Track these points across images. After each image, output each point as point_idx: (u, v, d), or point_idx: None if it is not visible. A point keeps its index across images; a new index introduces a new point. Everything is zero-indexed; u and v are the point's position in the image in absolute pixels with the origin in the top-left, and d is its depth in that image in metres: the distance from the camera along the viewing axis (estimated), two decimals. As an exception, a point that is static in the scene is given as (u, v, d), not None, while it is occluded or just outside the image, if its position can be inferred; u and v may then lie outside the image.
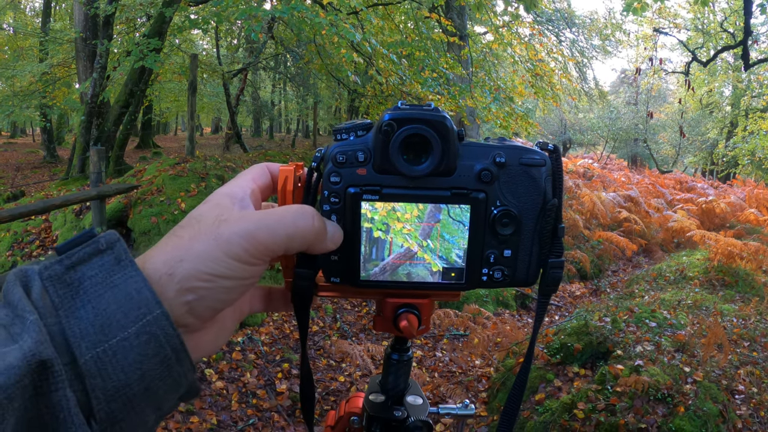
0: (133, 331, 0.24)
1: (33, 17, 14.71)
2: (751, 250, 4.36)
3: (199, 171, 4.22)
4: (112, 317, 0.24)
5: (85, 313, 0.24)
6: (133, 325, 0.24)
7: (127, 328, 0.24)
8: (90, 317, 0.24)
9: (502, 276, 0.36)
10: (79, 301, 0.24)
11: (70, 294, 0.24)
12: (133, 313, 0.24)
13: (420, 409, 0.44)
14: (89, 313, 0.24)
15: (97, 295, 0.24)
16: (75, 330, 0.23)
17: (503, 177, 0.35)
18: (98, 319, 0.24)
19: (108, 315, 0.24)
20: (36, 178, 8.68)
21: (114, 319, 0.24)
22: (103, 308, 0.24)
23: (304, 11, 4.42)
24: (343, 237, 0.34)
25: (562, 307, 4.62)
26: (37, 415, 0.21)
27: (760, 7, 5.53)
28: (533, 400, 2.61)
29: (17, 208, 3.19)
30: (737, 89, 15.12)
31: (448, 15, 6.53)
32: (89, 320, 0.23)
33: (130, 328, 0.24)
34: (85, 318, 0.24)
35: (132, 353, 0.24)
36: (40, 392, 0.21)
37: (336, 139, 0.35)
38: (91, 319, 0.24)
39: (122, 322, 0.24)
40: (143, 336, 0.24)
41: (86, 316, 0.24)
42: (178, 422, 2.52)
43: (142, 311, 0.24)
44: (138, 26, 7.36)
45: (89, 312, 0.24)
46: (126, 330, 0.24)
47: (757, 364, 2.68)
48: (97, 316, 0.24)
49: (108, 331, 0.24)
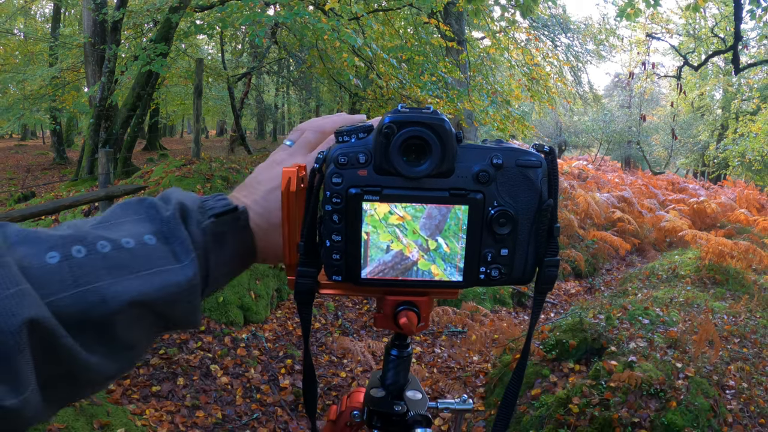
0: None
1: (43, 23, 14.67)
2: (741, 249, 4.36)
3: (205, 172, 4.25)
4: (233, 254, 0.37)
5: (220, 255, 0.36)
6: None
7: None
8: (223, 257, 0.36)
9: (499, 274, 0.36)
10: (219, 248, 0.36)
11: (217, 243, 0.35)
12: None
13: (419, 404, 0.44)
14: (225, 254, 0.36)
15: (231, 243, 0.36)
16: (212, 264, 0.35)
17: (500, 178, 0.35)
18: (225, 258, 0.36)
19: (231, 253, 0.37)
20: (46, 180, 8.68)
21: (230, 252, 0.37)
22: (228, 254, 0.36)
23: (307, 17, 4.43)
24: (345, 237, 0.35)
25: (558, 305, 4.64)
26: (194, 307, 0.34)
27: (750, 12, 5.63)
28: (529, 395, 2.62)
29: (28, 208, 3.22)
30: (728, 93, 15.21)
31: (447, 21, 6.53)
32: (221, 256, 0.36)
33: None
34: (219, 255, 0.36)
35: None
36: (197, 292, 0.34)
37: (338, 141, 0.35)
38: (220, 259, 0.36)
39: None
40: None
41: (223, 254, 0.36)
42: (184, 416, 2.53)
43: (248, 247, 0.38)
44: (145, 32, 7.38)
45: (226, 252, 0.36)
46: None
47: (747, 360, 2.70)
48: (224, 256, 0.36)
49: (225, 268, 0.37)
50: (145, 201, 0.35)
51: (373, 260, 0.35)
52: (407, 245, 0.35)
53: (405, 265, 0.36)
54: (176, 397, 2.63)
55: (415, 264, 0.36)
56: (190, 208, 0.35)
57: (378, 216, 0.34)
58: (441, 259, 0.36)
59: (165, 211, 0.34)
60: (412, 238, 0.35)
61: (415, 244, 0.35)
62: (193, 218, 0.34)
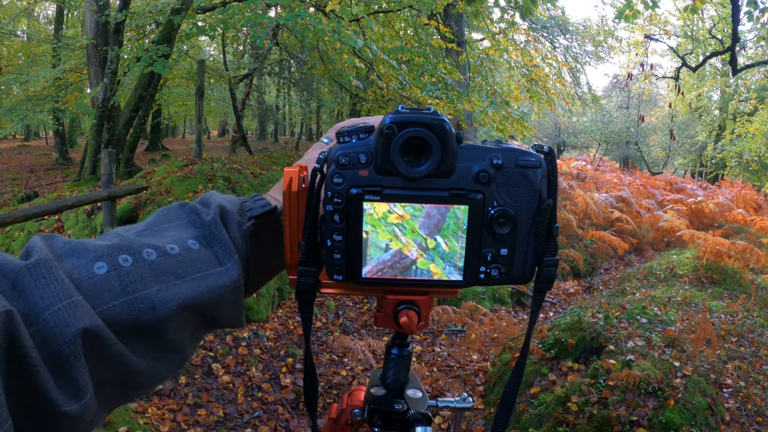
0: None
1: (46, 24, 14.67)
2: (739, 249, 4.36)
3: (207, 172, 4.24)
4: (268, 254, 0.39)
5: (260, 254, 0.38)
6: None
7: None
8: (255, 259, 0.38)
9: (498, 274, 0.36)
10: (259, 248, 0.38)
11: (257, 243, 0.37)
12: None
13: (419, 402, 0.44)
14: (265, 253, 0.38)
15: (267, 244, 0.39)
16: (253, 265, 0.37)
17: (500, 178, 0.35)
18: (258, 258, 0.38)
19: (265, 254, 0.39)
20: (49, 180, 8.67)
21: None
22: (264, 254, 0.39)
23: (308, 18, 4.45)
24: (346, 236, 0.35)
25: (557, 304, 4.65)
26: (239, 307, 0.36)
27: (748, 14, 5.66)
28: (528, 393, 2.62)
29: (31, 208, 3.20)
30: (725, 94, 15.26)
31: (447, 22, 6.54)
32: (261, 256, 0.38)
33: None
34: (259, 255, 0.38)
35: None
36: (241, 293, 0.36)
37: (339, 142, 0.36)
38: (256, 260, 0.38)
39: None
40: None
41: (263, 254, 0.38)
42: (186, 415, 2.54)
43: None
44: (147, 33, 7.39)
45: (266, 252, 0.38)
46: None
47: (744, 359, 2.71)
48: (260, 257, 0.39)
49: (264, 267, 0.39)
50: (187, 206, 0.36)
51: (373, 259, 0.35)
52: (406, 244, 0.35)
53: (404, 264, 0.36)
54: (178, 396, 2.65)
55: (414, 263, 0.36)
56: (229, 211, 0.36)
57: (377, 215, 0.34)
58: (440, 258, 0.36)
59: (206, 216, 0.35)
60: (411, 236, 0.35)
61: (414, 242, 0.35)
62: (233, 220, 0.36)
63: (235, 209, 0.37)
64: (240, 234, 0.36)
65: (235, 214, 0.36)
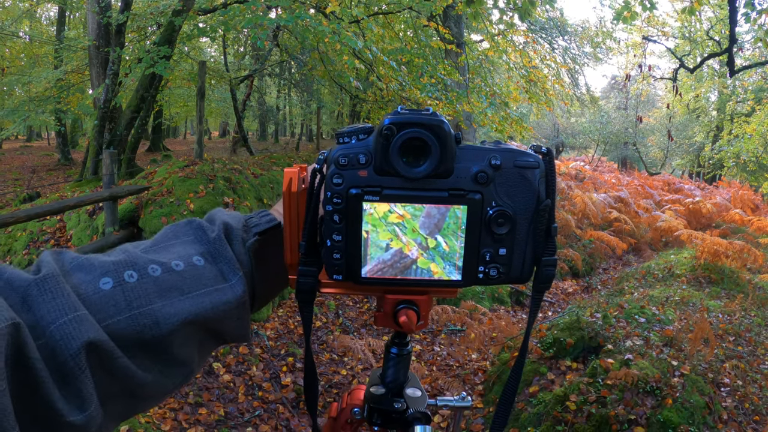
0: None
1: (48, 26, 14.65)
2: (736, 248, 4.36)
3: (208, 173, 4.24)
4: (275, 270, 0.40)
5: (265, 270, 0.39)
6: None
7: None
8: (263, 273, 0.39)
9: (497, 273, 0.36)
10: (264, 264, 0.39)
11: (261, 260, 0.38)
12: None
13: (419, 401, 0.44)
14: (270, 269, 0.39)
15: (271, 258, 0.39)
16: (258, 280, 0.38)
17: (499, 179, 0.35)
18: (267, 274, 0.39)
19: (272, 270, 0.40)
20: (51, 180, 8.66)
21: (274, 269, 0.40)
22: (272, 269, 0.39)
23: (308, 20, 4.47)
24: (345, 236, 0.35)
25: (555, 304, 4.65)
26: (244, 322, 0.37)
27: (745, 16, 5.69)
28: (527, 392, 2.63)
29: (33, 208, 3.22)
30: (723, 95, 15.31)
31: (446, 24, 6.57)
32: (267, 271, 0.39)
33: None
34: (265, 270, 0.39)
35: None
36: (246, 309, 0.36)
37: (338, 143, 0.35)
38: (264, 274, 0.39)
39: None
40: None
41: (268, 269, 0.39)
42: (187, 414, 2.55)
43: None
44: (149, 34, 7.41)
45: (271, 268, 0.39)
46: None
47: (741, 358, 2.72)
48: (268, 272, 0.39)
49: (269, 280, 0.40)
50: (194, 222, 0.37)
51: (373, 258, 0.35)
52: (407, 243, 0.35)
53: (404, 263, 0.36)
54: (179, 395, 2.66)
55: (415, 262, 0.36)
56: (233, 228, 0.37)
57: (377, 215, 0.34)
58: (440, 257, 0.36)
59: (211, 232, 0.36)
60: (412, 236, 0.35)
61: (415, 242, 0.35)
62: (237, 237, 0.36)
63: (239, 226, 0.38)
64: (244, 250, 0.36)
65: (240, 230, 0.37)
